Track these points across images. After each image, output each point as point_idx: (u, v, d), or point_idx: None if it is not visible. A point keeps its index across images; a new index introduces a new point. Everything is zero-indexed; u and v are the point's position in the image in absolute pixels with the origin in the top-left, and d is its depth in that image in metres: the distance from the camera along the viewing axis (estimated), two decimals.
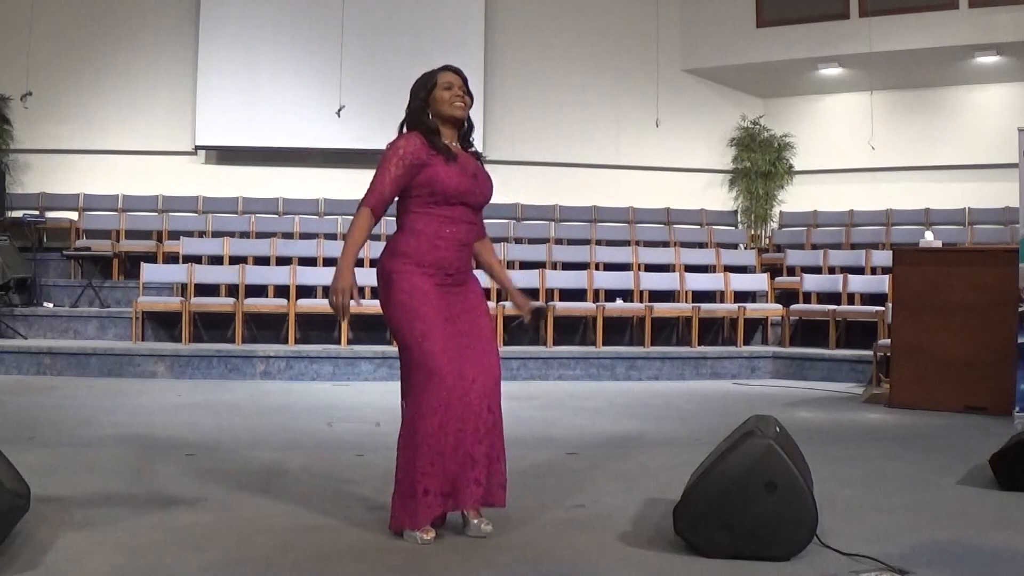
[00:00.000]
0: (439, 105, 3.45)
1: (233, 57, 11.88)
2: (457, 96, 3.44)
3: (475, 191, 3.45)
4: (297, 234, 11.35)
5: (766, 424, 3.38)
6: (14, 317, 9.45)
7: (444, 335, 3.33)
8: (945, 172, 11.97)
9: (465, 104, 3.47)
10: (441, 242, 3.40)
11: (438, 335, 3.32)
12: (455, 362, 3.31)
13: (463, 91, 3.47)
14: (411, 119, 3.49)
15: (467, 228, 3.46)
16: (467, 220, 3.45)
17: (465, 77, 3.52)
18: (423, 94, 3.47)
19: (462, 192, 3.41)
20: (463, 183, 3.41)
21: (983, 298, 6.85)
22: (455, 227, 3.42)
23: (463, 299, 3.44)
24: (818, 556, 3.15)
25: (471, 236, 3.49)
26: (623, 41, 12.75)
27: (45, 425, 5.82)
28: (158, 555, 3.11)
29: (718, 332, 10.26)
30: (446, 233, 3.41)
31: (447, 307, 3.38)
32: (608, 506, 3.90)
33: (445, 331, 3.34)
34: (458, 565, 3.11)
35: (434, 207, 3.41)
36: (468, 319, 3.42)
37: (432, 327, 3.32)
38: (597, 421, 6.48)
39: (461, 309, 3.42)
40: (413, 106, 3.48)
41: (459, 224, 3.43)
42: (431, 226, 3.41)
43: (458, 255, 3.44)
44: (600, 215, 12.27)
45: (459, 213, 3.43)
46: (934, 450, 5.41)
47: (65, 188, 11.61)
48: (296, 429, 5.95)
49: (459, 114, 3.46)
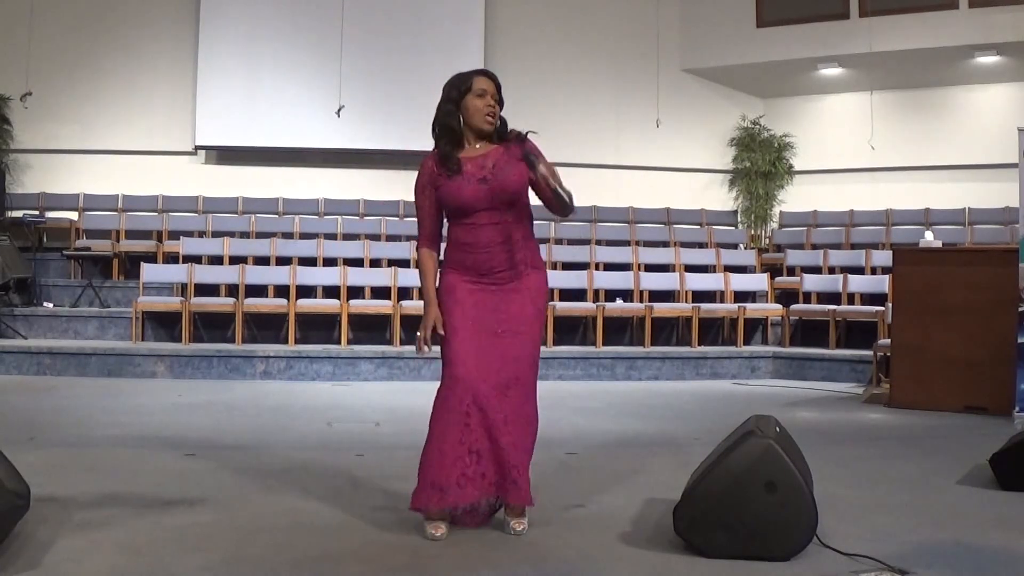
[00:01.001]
0: (470, 114, 3.48)
1: (233, 57, 11.88)
2: (489, 106, 3.48)
3: (481, 197, 3.43)
4: (297, 234, 11.35)
5: (766, 424, 3.38)
6: (14, 317, 9.45)
7: (468, 330, 3.40)
8: (945, 172, 11.97)
9: (495, 114, 3.50)
10: (469, 247, 3.46)
11: (463, 334, 3.40)
12: (476, 361, 3.37)
13: (495, 100, 3.50)
14: (441, 121, 3.52)
15: (495, 229, 3.46)
16: (491, 222, 3.46)
17: (499, 84, 3.54)
18: (455, 95, 3.50)
19: (470, 202, 3.43)
20: (467, 194, 3.43)
21: (983, 298, 6.85)
22: (479, 232, 3.45)
23: (506, 298, 3.47)
24: (818, 556, 3.15)
25: (502, 235, 3.47)
26: (623, 41, 12.75)
27: (45, 425, 5.82)
28: (158, 555, 3.11)
29: (718, 332, 10.26)
30: (472, 239, 3.46)
31: (481, 306, 3.44)
32: (608, 506, 3.90)
33: (472, 327, 3.41)
34: (458, 565, 3.11)
35: (457, 217, 3.49)
36: (503, 318, 3.44)
37: (457, 322, 3.42)
38: (597, 421, 6.48)
39: (500, 308, 3.45)
40: (445, 108, 3.51)
41: (483, 228, 3.45)
42: (457, 233, 3.51)
43: (490, 257, 3.45)
44: (600, 215, 12.27)
45: (481, 218, 3.45)
46: (934, 450, 5.41)
47: (65, 188, 11.61)
48: (296, 429, 5.95)
49: (487, 129, 3.49)
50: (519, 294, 3.48)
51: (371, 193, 12.05)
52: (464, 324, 3.42)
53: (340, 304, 9.36)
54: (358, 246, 10.74)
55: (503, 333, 3.43)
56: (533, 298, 3.51)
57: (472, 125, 3.49)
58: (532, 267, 3.53)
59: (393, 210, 11.90)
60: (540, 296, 3.55)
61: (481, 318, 3.43)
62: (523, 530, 3.42)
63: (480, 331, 3.42)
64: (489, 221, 3.45)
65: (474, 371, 3.36)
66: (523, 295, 3.48)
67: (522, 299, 3.48)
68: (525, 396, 3.45)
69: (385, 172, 12.19)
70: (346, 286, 9.77)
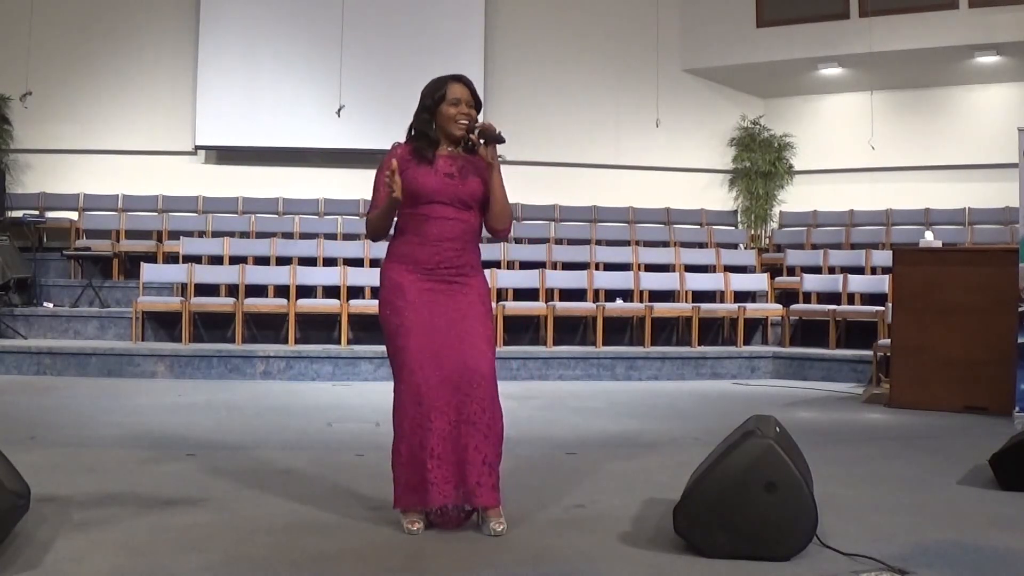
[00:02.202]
0: (443, 120, 3.55)
1: (233, 57, 11.88)
2: (462, 114, 3.53)
3: (443, 190, 3.49)
4: (297, 234, 11.35)
5: (766, 424, 3.38)
6: (14, 317, 9.45)
7: (422, 332, 3.41)
8: (945, 172, 11.97)
9: (471, 118, 3.55)
10: (419, 240, 3.49)
11: (415, 332, 3.42)
12: (429, 361, 3.39)
13: (469, 106, 3.55)
14: (417, 125, 3.59)
15: (450, 225, 3.49)
16: (446, 216, 3.49)
17: (474, 88, 3.61)
18: (430, 103, 3.56)
19: (433, 191, 3.48)
20: (431, 183, 3.48)
21: (983, 298, 6.85)
22: (433, 225, 3.49)
23: (454, 298, 3.49)
24: (818, 556, 3.15)
25: (454, 232, 3.50)
26: (623, 41, 12.74)
27: (45, 425, 5.82)
28: (158, 555, 3.11)
29: (718, 332, 10.26)
30: (424, 231, 3.49)
31: (432, 304, 3.45)
32: (608, 506, 3.90)
33: (425, 328, 3.42)
34: (458, 565, 3.11)
35: (413, 206, 3.50)
36: (456, 317, 3.46)
37: (410, 323, 3.43)
38: (597, 421, 6.48)
39: (449, 307, 3.46)
40: (420, 115, 3.59)
41: (437, 221, 3.49)
42: (411, 224, 3.53)
43: (439, 251, 3.48)
44: (600, 215, 12.26)
45: (437, 211, 3.48)
46: (934, 450, 5.40)
47: (65, 188, 11.60)
48: (296, 429, 5.95)
49: (458, 135, 3.55)
50: (466, 295, 3.51)
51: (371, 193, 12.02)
52: (417, 326, 3.42)
53: (340, 304, 9.36)
54: (358, 246, 10.74)
55: (457, 333, 3.43)
56: (482, 298, 3.57)
57: (445, 130, 3.56)
58: (477, 271, 3.60)
59: None
60: (488, 299, 3.62)
61: (433, 319, 3.44)
62: (503, 530, 3.40)
63: (433, 332, 3.42)
64: (443, 215, 3.49)
65: (430, 375, 3.38)
66: (471, 295, 3.52)
67: (470, 299, 3.52)
68: (487, 395, 3.42)
69: None
70: (346, 286, 9.77)
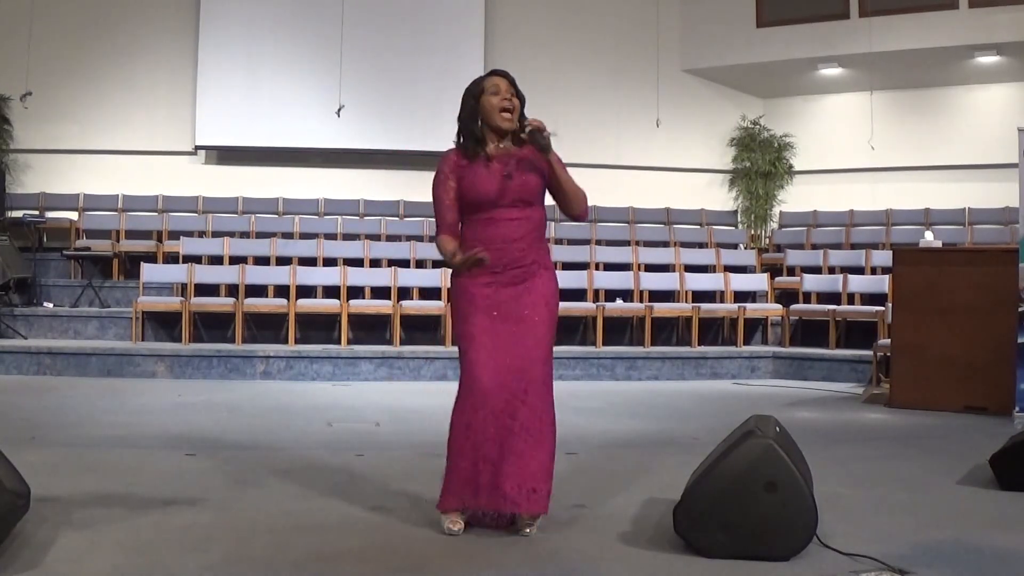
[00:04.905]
0: (487, 113, 3.52)
1: (233, 57, 11.87)
2: (505, 100, 3.50)
3: (504, 191, 3.47)
4: (297, 234, 11.35)
5: (766, 424, 3.38)
6: (14, 317, 9.44)
7: (487, 338, 3.44)
8: (945, 172, 11.97)
9: (514, 107, 3.52)
10: (484, 244, 3.46)
11: (481, 339, 3.44)
12: (493, 367, 3.40)
13: (510, 94, 3.53)
14: (462, 127, 3.58)
15: (514, 225, 3.49)
16: (509, 218, 3.49)
17: (512, 79, 3.58)
18: (472, 102, 3.55)
19: (494, 195, 3.47)
20: (491, 187, 3.47)
21: (983, 298, 6.85)
22: (496, 227, 3.49)
23: (519, 300, 3.49)
24: (818, 556, 3.15)
25: (518, 232, 3.50)
26: (623, 41, 12.74)
27: (45, 425, 5.82)
28: (158, 555, 3.11)
29: (718, 332, 10.26)
30: (488, 235, 3.48)
31: (498, 307, 3.47)
32: (608, 506, 3.91)
33: (490, 333, 3.44)
34: (458, 565, 3.11)
35: (474, 213, 3.51)
36: (518, 320, 3.46)
37: (476, 331, 3.45)
38: (597, 421, 6.48)
39: (513, 311, 3.47)
40: (463, 115, 3.58)
41: (500, 223, 3.48)
42: (475, 230, 3.52)
43: (505, 253, 3.47)
44: (600, 215, 12.26)
45: (499, 213, 3.48)
46: (934, 450, 5.41)
47: (65, 188, 11.60)
48: (296, 429, 5.95)
49: (506, 127, 3.52)
50: (531, 295, 3.50)
51: (371, 193, 12.05)
52: (482, 331, 3.45)
53: (340, 304, 9.36)
54: (358, 246, 10.74)
55: (518, 334, 3.44)
56: (546, 299, 3.54)
57: (491, 124, 3.53)
58: (544, 267, 3.57)
59: (393, 210, 11.90)
60: (553, 298, 3.58)
61: (495, 325, 3.46)
62: (532, 532, 3.44)
63: (496, 336, 3.44)
64: (507, 217, 3.49)
65: (493, 379, 3.39)
66: (535, 296, 3.51)
67: (534, 300, 3.50)
68: (542, 401, 3.46)
69: (385, 172, 12.19)
70: (346, 286, 9.77)
